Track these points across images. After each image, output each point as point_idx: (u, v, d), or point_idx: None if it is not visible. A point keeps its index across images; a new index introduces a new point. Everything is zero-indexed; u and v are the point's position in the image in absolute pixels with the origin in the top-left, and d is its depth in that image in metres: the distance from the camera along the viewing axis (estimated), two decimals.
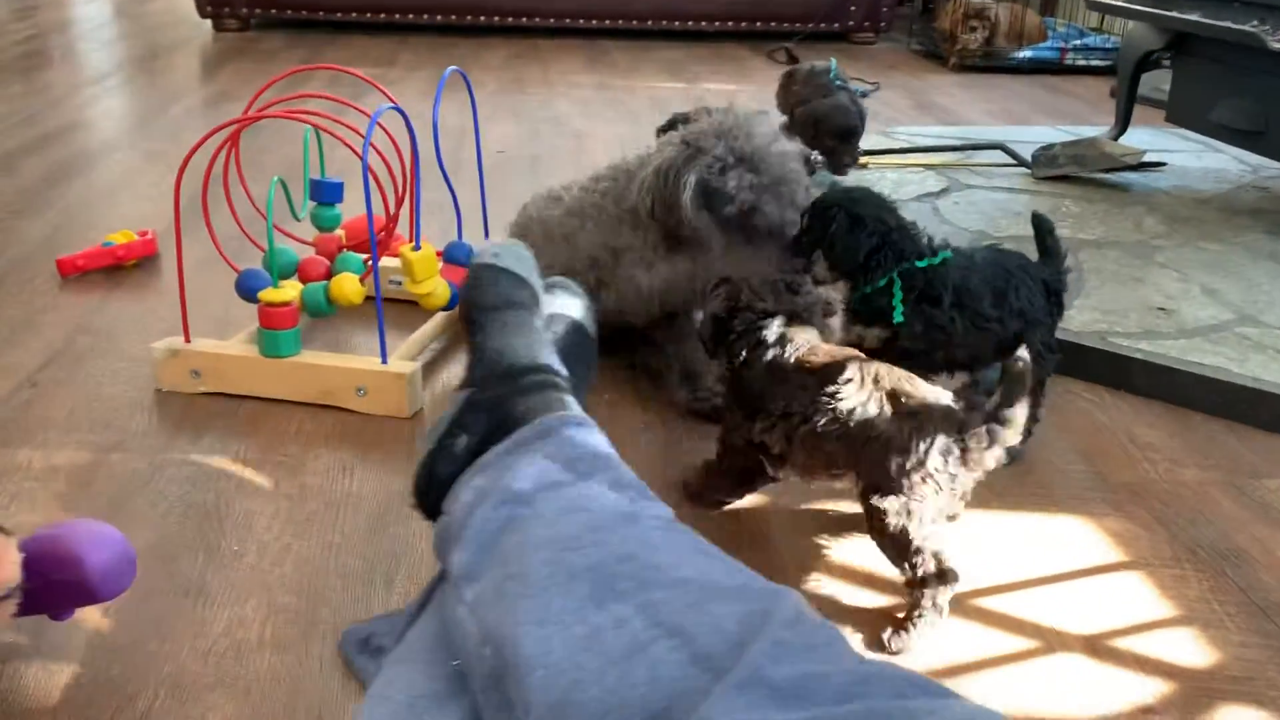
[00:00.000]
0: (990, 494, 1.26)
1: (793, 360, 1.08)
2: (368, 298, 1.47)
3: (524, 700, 0.65)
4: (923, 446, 0.98)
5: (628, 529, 0.77)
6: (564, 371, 1.00)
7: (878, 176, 2.34)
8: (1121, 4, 2.38)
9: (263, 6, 4.26)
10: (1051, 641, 1.03)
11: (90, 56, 3.88)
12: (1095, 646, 1.02)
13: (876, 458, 1.00)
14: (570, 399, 0.95)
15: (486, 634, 0.72)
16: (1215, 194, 2.27)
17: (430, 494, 0.93)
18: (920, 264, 1.23)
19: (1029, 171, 2.38)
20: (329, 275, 1.52)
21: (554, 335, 1.08)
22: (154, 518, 1.17)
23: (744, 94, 3.44)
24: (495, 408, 0.93)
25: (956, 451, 0.99)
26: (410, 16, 4.35)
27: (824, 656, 0.63)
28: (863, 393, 1.02)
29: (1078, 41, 4.07)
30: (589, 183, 1.49)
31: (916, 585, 1.01)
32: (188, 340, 1.44)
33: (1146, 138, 2.68)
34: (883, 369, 1.04)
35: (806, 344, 1.10)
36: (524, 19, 4.40)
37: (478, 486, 0.86)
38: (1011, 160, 2.45)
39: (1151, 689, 0.97)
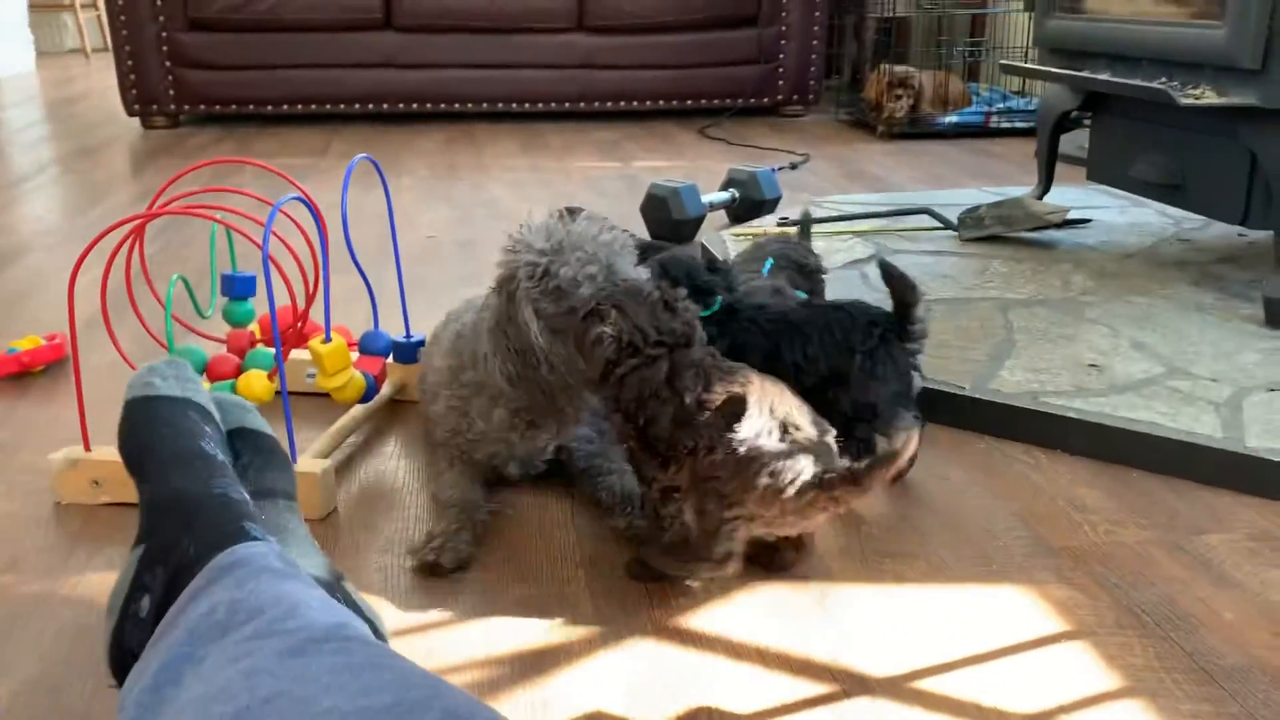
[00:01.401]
0: (929, 567, 1.22)
1: (692, 401, 1.10)
2: (276, 393, 1.41)
3: None
4: (791, 476, 1.05)
5: (287, 665, 0.71)
6: (239, 495, 0.94)
7: None
8: (1035, 67, 2.43)
9: (191, 102, 4.24)
10: None
11: (14, 159, 3.82)
12: None
13: (749, 476, 1.05)
14: (248, 524, 0.89)
15: None
16: (1140, 248, 2.29)
17: (125, 670, 0.85)
18: (704, 313, 1.28)
19: (956, 234, 2.39)
20: (239, 373, 1.46)
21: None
22: (43, 644, 1.09)
23: (677, 169, 3.46)
24: (169, 557, 0.87)
25: (817, 488, 1.05)
26: (341, 106, 4.34)
27: None
28: (759, 421, 1.06)
29: (1001, 105, 4.16)
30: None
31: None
32: (88, 449, 1.37)
33: (1071, 195, 2.71)
34: (776, 397, 1.09)
35: (694, 374, 1.12)
36: (456, 104, 4.41)
37: (146, 657, 0.80)
38: (939, 224, 2.46)
39: None
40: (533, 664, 1.06)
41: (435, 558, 1.20)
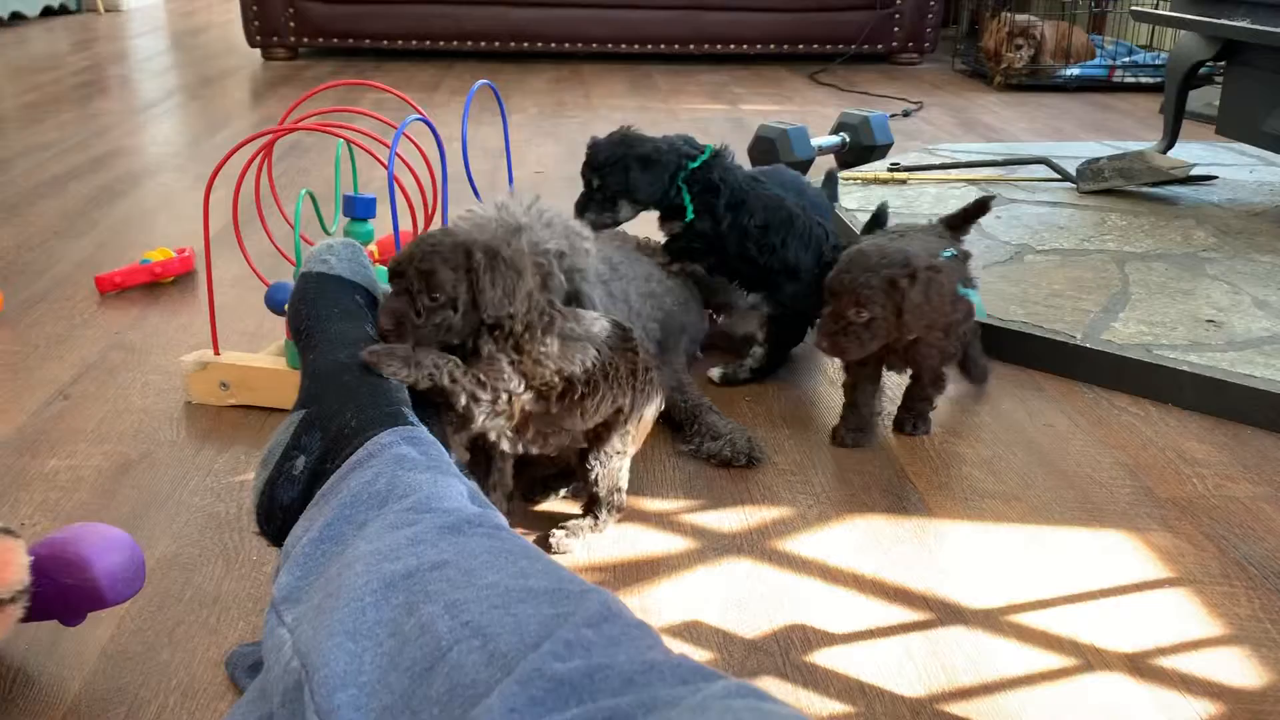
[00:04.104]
0: (1028, 508, 1.22)
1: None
2: None
3: (325, 711, 0.63)
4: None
5: (448, 539, 0.74)
6: (399, 382, 0.96)
7: (918, 192, 2.30)
8: (1169, 13, 2.33)
9: (310, 35, 4.34)
10: (1091, 660, 0.98)
11: (142, 85, 3.96)
12: (1138, 665, 0.97)
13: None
14: (405, 410, 0.92)
15: (299, 648, 0.70)
16: (1269, 206, 2.21)
17: (274, 522, 0.91)
18: (692, 164, 1.48)
19: (1074, 186, 2.33)
20: None
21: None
22: (175, 528, 1.17)
23: (786, 114, 3.42)
24: (329, 425, 0.90)
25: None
26: (454, 43, 4.39)
27: (622, 651, 0.61)
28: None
29: (1126, 59, 4.00)
30: None
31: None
32: (217, 353, 1.44)
33: (1196, 151, 2.61)
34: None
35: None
36: (566, 44, 4.42)
37: (309, 515, 0.84)
38: (1056, 175, 2.39)
39: (1198, 710, 0.92)
40: (632, 573, 1.10)
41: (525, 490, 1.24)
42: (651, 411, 1.16)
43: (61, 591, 0.88)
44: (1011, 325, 1.60)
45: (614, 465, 1.14)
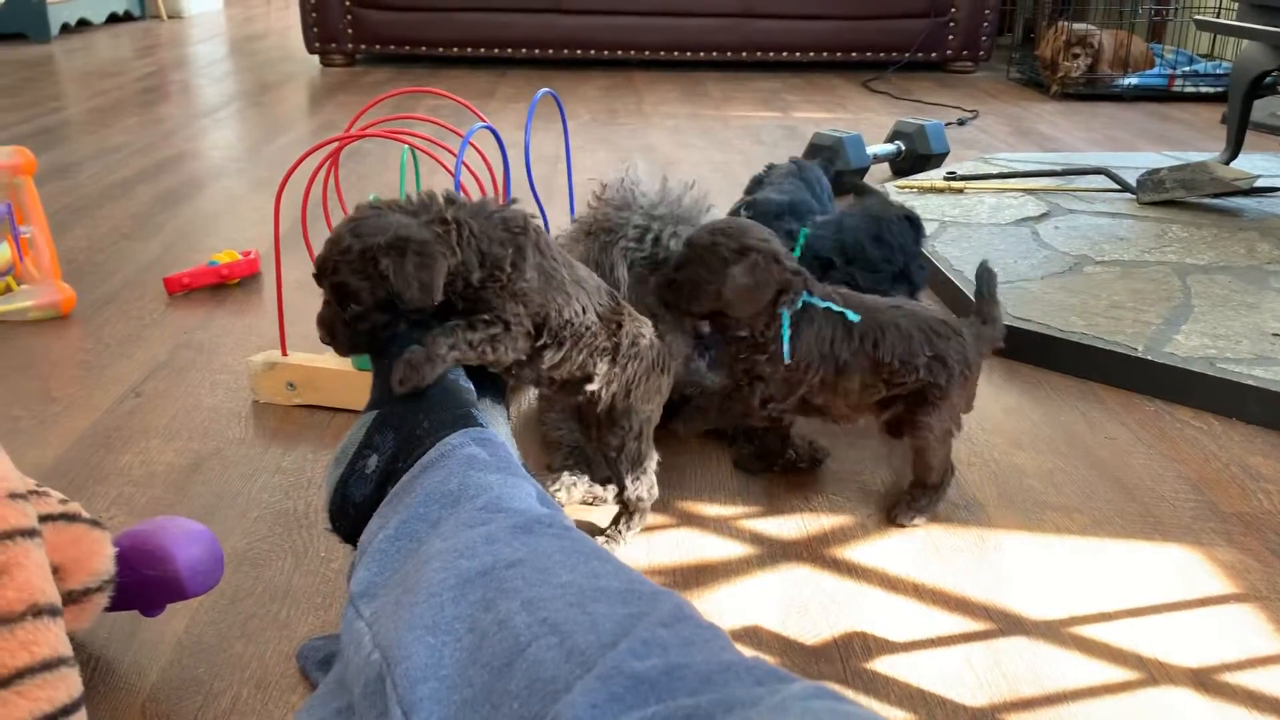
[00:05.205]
0: (1090, 521, 1.22)
1: None
2: None
3: (408, 704, 0.65)
4: None
5: (520, 539, 0.75)
6: (468, 385, 0.98)
7: (975, 201, 2.29)
8: (1234, 23, 2.30)
9: (367, 42, 4.40)
10: (1155, 673, 0.97)
11: (204, 91, 4.05)
12: (1203, 681, 0.96)
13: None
14: (474, 412, 0.94)
15: (379, 641, 0.71)
16: None
17: (346, 518, 0.92)
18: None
19: (1133, 197, 2.31)
20: None
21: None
22: (246, 524, 1.19)
23: (839, 122, 3.42)
24: (401, 426, 0.92)
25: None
26: (508, 50, 4.44)
27: (697, 651, 0.61)
28: None
29: (1186, 68, 3.95)
30: None
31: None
32: (285, 354, 1.47)
33: (1260, 163, 2.57)
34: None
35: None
36: (619, 51, 4.45)
37: (383, 512, 0.86)
38: (1115, 186, 2.37)
39: None
40: (693, 577, 1.11)
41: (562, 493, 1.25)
42: (647, 391, 1.13)
43: (144, 582, 0.90)
44: (1071, 336, 1.59)
45: (629, 447, 1.13)
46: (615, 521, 1.18)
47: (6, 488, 0.73)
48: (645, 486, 1.15)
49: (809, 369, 1.17)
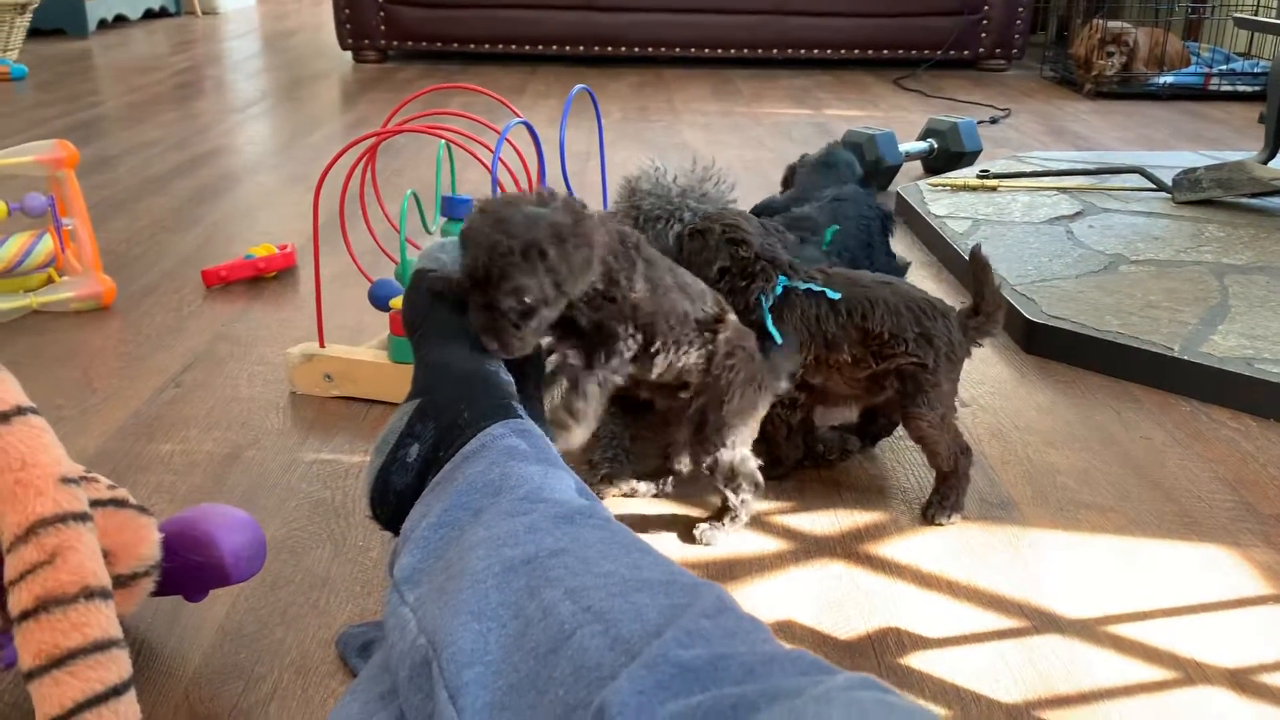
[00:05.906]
0: (1126, 520, 1.21)
1: None
2: None
3: (454, 687, 0.66)
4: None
5: (562, 529, 0.76)
6: (508, 376, 0.98)
7: (1009, 199, 2.28)
8: (1274, 21, 2.28)
9: (400, 38, 4.43)
10: (1191, 673, 0.97)
11: (239, 86, 4.09)
12: (1240, 681, 0.96)
13: None
14: (514, 403, 0.95)
15: (424, 627, 0.72)
16: None
17: (386, 506, 0.93)
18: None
19: (1169, 196, 2.29)
20: None
21: None
22: (284, 512, 1.21)
23: (871, 120, 3.41)
24: (442, 415, 0.93)
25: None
26: (540, 47, 4.45)
27: (740, 642, 0.62)
28: None
29: (1223, 66, 3.91)
30: None
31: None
32: (322, 346, 1.49)
33: None
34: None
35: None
36: (650, 49, 4.46)
37: (426, 501, 0.87)
38: (1151, 185, 2.35)
39: None
40: (725, 571, 1.11)
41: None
42: (742, 406, 1.14)
43: (188, 568, 0.92)
44: (1106, 335, 1.58)
45: (721, 463, 1.15)
46: (715, 516, 1.19)
47: (59, 472, 0.75)
48: (742, 499, 1.16)
49: (800, 348, 1.20)
